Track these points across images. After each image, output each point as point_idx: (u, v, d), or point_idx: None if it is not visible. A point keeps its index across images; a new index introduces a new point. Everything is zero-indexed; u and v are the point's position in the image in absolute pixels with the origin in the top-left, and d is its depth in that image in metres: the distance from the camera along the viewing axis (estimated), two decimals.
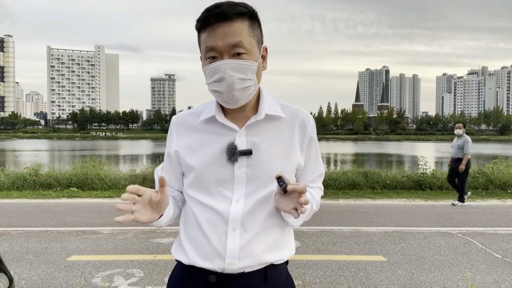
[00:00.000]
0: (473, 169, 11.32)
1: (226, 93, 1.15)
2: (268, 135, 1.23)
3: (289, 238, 1.30)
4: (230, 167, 1.20)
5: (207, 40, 1.14)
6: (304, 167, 1.30)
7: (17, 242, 5.47)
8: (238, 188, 1.20)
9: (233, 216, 1.18)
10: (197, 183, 1.23)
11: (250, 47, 1.14)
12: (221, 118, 1.22)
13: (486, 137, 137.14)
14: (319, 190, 1.36)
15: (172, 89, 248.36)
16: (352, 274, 4.20)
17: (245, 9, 1.14)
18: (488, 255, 4.94)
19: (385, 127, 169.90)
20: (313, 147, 1.30)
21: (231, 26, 1.12)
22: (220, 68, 1.13)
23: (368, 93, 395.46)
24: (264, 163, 1.21)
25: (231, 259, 1.17)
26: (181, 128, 1.30)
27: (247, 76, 1.14)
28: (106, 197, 9.43)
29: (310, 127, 1.29)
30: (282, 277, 1.27)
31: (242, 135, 1.21)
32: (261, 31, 1.22)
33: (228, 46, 1.12)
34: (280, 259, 1.25)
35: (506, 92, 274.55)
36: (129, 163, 27.68)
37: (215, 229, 1.19)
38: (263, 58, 1.22)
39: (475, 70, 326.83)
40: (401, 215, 7.37)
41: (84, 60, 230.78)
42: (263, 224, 1.21)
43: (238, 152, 1.19)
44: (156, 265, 4.48)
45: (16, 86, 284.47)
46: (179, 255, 1.26)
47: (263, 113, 1.21)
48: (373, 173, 11.01)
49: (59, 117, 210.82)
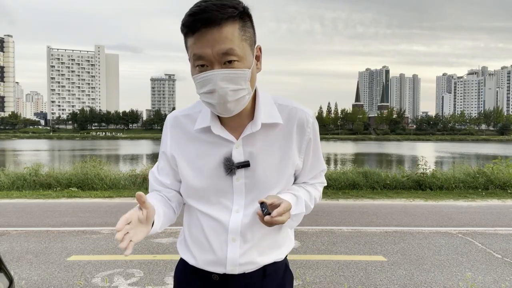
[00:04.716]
0: (473, 169, 11.32)
1: (218, 106, 1.08)
2: (265, 144, 1.19)
3: (286, 237, 1.31)
4: (228, 179, 1.19)
5: (194, 47, 1.04)
6: (303, 166, 1.28)
7: (17, 242, 5.46)
8: (238, 198, 1.20)
9: (232, 228, 1.19)
10: (196, 194, 1.23)
11: (242, 53, 1.05)
12: (216, 130, 1.17)
13: (486, 137, 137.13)
14: (319, 185, 1.37)
15: (172, 89, 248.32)
16: (352, 274, 4.20)
17: (235, 10, 1.03)
18: (488, 255, 4.94)
19: (385, 127, 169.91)
20: (312, 147, 1.27)
21: (221, 32, 1.01)
22: (211, 79, 1.04)
23: (368, 93, 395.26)
24: (263, 173, 1.19)
25: (232, 267, 1.20)
26: (176, 131, 1.25)
27: (240, 86, 1.06)
28: (106, 197, 9.42)
29: (309, 128, 1.23)
30: (281, 271, 1.30)
31: (239, 146, 1.18)
32: (254, 29, 1.11)
33: (218, 54, 1.02)
34: (279, 257, 1.28)
35: (506, 92, 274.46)
36: (129, 163, 27.71)
37: (216, 237, 1.20)
38: (257, 59, 1.14)
39: (475, 70, 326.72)
40: (401, 215, 7.37)
41: (84, 60, 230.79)
42: (263, 231, 1.22)
43: (235, 166, 1.16)
44: (156, 265, 4.48)
45: (16, 86, 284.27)
46: (185, 254, 1.29)
47: (259, 123, 1.16)
48: (373, 173, 11.00)
49: (59, 117, 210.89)
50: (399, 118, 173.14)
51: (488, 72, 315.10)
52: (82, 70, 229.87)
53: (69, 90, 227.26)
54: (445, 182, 10.60)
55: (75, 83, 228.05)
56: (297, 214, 1.21)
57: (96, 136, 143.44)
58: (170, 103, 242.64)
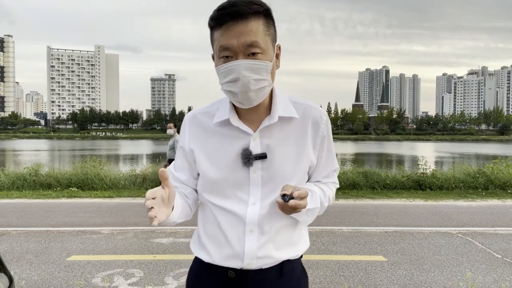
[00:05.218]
0: (473, 169, 11.31)
1: (240, 94, 1.13)
2: (281, 137, 1.23)
3: (302, 234, 1.32)
4: (245, 171, 1.21)
5: (221, 39, 1.11)
6: (317, 164, 1.31)
7: (17, 242, 5.47)
8: (254, 191, 1.22)
9: (250, 219, 1.20)
10: (212, 186, 1.24)
11: (265, 46, 1.12)
12: (235, 122, 1.21)
13: (486, 137, 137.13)
14: (332, 185, 1.37)
15: (172, 89, 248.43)
16: (352, 274, 4.20)
17: (261, 7, 1.12)
18: (488, 255, 4.94)
19: (385, 127, 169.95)
20: (326, 144, 1.31)
21: (247, 25, 1.09)
22: (235, 68, 1.10)
23: (368, 93, 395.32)
24: (279, 166, 1.21)
25: (250, 260, 1.20)
26: (195, 127, 1.29)
27: (262, 76, 1.12)
28: (106, 197, 9.42)
29: (323, 125, 1.28)
30: (297, 270, 1.31)
31: (256, 139, 1.21)
32: (275, 29, 1.19)
33: (243, 45, 1.09)
34: (295, 255, 1.28)
35: (506, 92, 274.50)
36: (129, 163, 27.69)
37: (233, 230, 1.21)
38: (277, 57, 1.21)
39: (475, 70, 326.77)
40: (401, 215, 7.37)
41: (84, 60, 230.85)
42: (279, 224, 1.23)
43: (253, 156, 1.19)
44: (156, 265, 4.48)
45: (16, 86, 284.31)
46: (199, 252, 1.28)
47: (276, 116, 1.21)
48: (373, 173, 11.00)
49: (59, 117, 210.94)
50: (399, 118, 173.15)
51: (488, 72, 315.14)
52: (82, 70, 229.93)
53: (69, 90, 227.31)
54: (445, 182, 10.60)
55: (75, 83, 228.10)
56: (312, 209, 1.22)
57: (96, 136, 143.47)
58: (170, 103, 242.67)
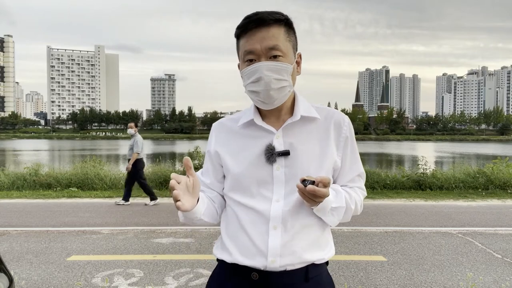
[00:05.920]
0: (473, 169, 11.31)
1: (263, 93, 1.20)
2: (304, 136, 1.28)
3: (329, 238, 1.32)
4: (269, 168, 1.24)
5: (245, 45, 1.22)
6: (341, 166, 1.32)
7: (17, 242, 5.47)
8: (278, 188, 1.24)
9: (274, 215, 1.21)
10: (238, 185, 1.28)
11: (286, 50, 1.21)
12: (259, 121, 1.28)
13: (486, 137, 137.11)
14: (359, 190, 1.36)
15: (172, 89, 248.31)
16: (352, 274, 4.21)
17: (282, 16, 1.22)
18: (488, 255, 4.94)
19: (385, 127, 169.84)
20: (350, 146, 1.32)
21: (269, 31, 1.20)
22: (258, 69, 1.19)
23: (368, 93, 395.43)
24: (302, 163, 1.24)
25: (273, 257, 1.19)
26: (220, 132, 1.36)
27: (282, 77, 1.20)
28: (106, 197, 9.43)
29: (346, 127, 1.32)
30: (323, 277, 1.29)
31: (279, 137, 1.26)
32: (296, 39, 1.29)
33: (266, 49, 1.19)
34: (321, 258, 1.27)
35: (506, 92, 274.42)
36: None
37: (256, 228, 1.22)
38: (298, 64, 1.30)
39: (475, 70, 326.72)
40: (401, 215, 7.38)
41: (84, 60, 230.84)
42: (303, 222, 1.23)
43: (276, 153, 1.23)
44: (156, 265, 4.48)
45: (16, 86, 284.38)
46: (221, 254, 1.29)
47: (299, 114, 1.27)
48: (373, 173, 11.00)
49: (59, 117, 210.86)
50: (399, 118, 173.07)
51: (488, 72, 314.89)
52: (82, 70, 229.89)
53: (69, 90, 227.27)
54: (445, 182, 10.60)
55: (75, 83, 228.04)
56: (337, 208, 1.22)
57: (96, 136, 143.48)
58: (170, 103, 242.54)
